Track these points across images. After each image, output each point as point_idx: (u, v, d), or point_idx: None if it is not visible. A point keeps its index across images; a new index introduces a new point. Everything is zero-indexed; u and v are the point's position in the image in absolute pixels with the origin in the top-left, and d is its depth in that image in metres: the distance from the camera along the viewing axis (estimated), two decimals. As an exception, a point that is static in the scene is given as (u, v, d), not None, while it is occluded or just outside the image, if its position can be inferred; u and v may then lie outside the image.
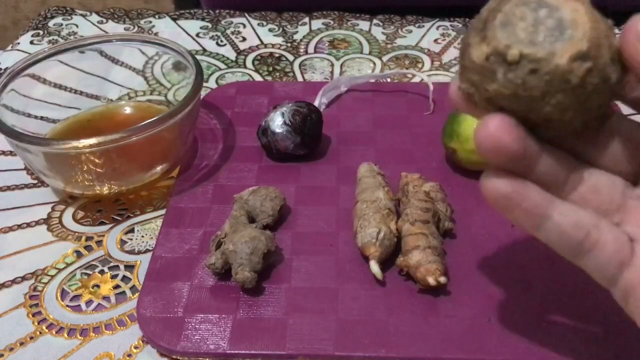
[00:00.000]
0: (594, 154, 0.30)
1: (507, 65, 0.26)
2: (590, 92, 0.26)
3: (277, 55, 0.67)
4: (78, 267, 0.45)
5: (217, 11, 0.74)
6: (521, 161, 0.28)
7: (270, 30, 0.71)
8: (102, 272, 0.44)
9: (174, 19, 0.73)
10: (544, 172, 0.29)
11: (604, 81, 0.26)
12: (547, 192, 0.28)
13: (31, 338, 0.40)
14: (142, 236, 0.47)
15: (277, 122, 0.49)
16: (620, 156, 0.30)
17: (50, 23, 0.72)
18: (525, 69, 0.26)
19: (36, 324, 0.41)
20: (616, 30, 0.28)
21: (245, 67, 0.65)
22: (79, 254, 0.46)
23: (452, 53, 0.66)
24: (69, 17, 0.73)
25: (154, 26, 0.71)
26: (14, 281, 0.44)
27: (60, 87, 0.56)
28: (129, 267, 0.45)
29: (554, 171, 0.29)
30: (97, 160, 0.45)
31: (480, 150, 0.27)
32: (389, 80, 0.61)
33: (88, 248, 0.46)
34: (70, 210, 0.49)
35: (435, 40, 0.68)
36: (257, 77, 0.63)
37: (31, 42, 0.68)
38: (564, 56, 0.26)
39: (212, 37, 0.70)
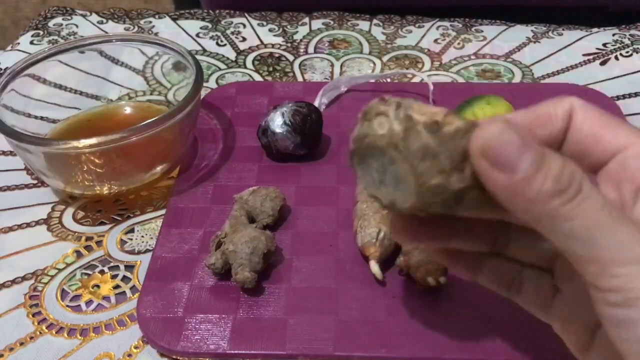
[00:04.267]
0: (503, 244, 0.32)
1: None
2: (443, 207, 0.27)
3: (277, 55, 0.67)
4: (78, 267, 0.45)
5: (217, 11, 0.74)
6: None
7: (270, 30, 0.71)
8: (102, 272, 0.44)
9: (174, 19, 0.73)
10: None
11: (455, 202, 0.26)
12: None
13: (31, 338, 0.40)
14: (142, 236, 0.47)
15: (277, 122, 0.49)
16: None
17: (50, 23, 0.72)
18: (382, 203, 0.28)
19: (36, 324, 0.41)
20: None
21: (245, 67, 0.65)
22: (79, 254, 0.46)
23: (452, 53, 0.66)
24: (69, 17, 0.73)
25: (154, 26, 0.71)
26: (14, 281, 0.44)
27: (60, 87, 0.56)
28: (129, 267, 0.45)
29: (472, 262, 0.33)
30: (97, 160, 0.45)
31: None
32: (389, 80, 0.61)
33: (88, 248, 0.46)
34: (70, 210, 0.49)
35: (435, 40, 0.68)
36: (257, 77, 0.63)
37: (31, 42, 0.68)
38: (405, 204, 0.27)
39: (212, 37, 0.70)
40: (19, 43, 0.68)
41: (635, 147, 0.28)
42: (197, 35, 0.70)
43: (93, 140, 0.43)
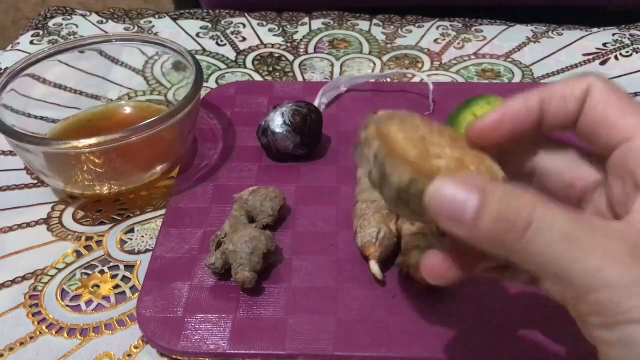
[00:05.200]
0: None
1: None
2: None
3: (277, 55, 0.67)
4: (78, 267, 0.45)
5: (217, 11, 0.74)
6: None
7: (270, 30, 0.71)
8: (102, 272, 0.44)
9: (174, 19, 0.73)
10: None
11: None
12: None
13: (31, 338, 0.40)
14: (142, 236, 0.47)
15: (277, 122, 0.49)
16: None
17: (50, 23, 0.72)
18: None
19: (36, 324, 0.41)
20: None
21: (245, 67, 0.65)
22: (79, 254, 0.46)
23: (452, 53, 0.66)
24: (69, 17, 0.73)
25: (154, 26, 0.71)
26: (14, 281, 0.44)
27: (60, 87, 0.56)
28: (129, 267, 0.45)
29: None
30: (97, 160, 0.45)
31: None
32: (389, 80, 0.61)
33: (88, 248, 0.46)
34: (70, 210, 0.49)
35: (435, 40, 0.68)
36: (257, 77, 0.63)
37: (31, 42, 0.68)
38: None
39: (212, 37, 0.70)
40: (19, 43, 0.68)
41: (638, 140, 0.27)
42: (197, 35, 0.70)
43: (93, 140, 0.43)
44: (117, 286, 0.43)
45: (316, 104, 0.56)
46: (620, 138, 0.28)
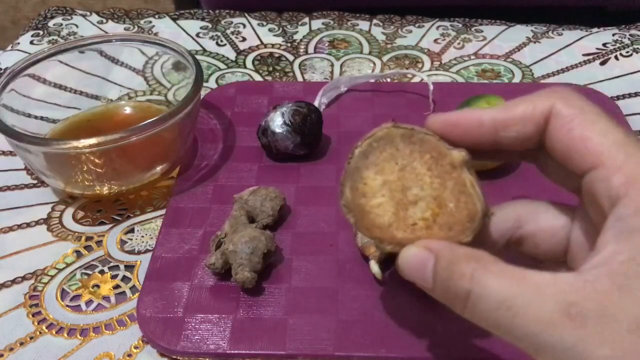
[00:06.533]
0: None
1: None
2: None
3: (277, 55, 0.67)
4: (78, 267, 0.45)
5: (217, 11, 0.74)
6: None
7: (270, 30, 0.71)
8: (102, 272, 0.44)
9: (174, 19, 0.73)
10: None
11: None
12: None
13: (31, 338, 0.40)
14: (142, 236, 0.47)
15: (277, 122, 0.49)
16: None
17: (50, 23, 0.72)
18: None
19: (36, 324, 0.41)
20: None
21: (245, 67, 0.65)
22: (79, 254, 0.46)
23: (452, 53, 0.66)
24: (69, 17, 0.73)
25: (154, 26, 0.71)
26: (14, 281, 0.44)
27: (60, 87, 0.56)
28: (129, 267, 0.45)
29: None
30: (97, 160, 0.45)
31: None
32: (389, 80, 0.61)
33: (88, 248, 0.46)
34: (70, 210, 0.49)
35: (435, 40, 0.68)
36: (257, 77, 0.63)
37: (31, 42, 0.68)
38: None
39: (212, 37, 0.70)
40: (19, 43, 0.68)
41: (602, 170, 0.25)
42: (197, 35, 0.70)
43: (93, 140, 0.43)
44: (117, 286, 0.43)
45: (316, 104, 0.56)
46: (587, 166, 0.26)
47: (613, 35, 0.67)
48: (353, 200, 0.31)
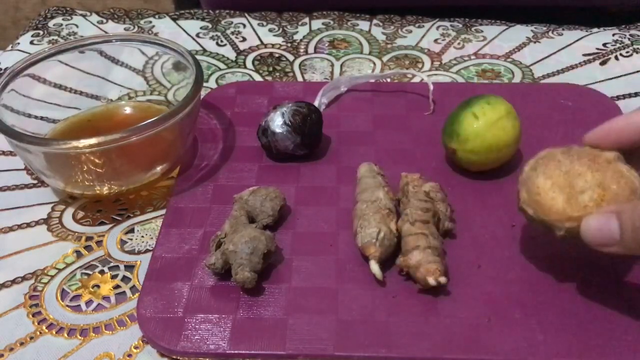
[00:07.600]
0: None
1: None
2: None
3: (277, 55, 0.67)
4: (78, 267, 0.45)
5: (217, 11, 0.74)
6: None
7: (270, 30, 0.71)
8: (102, 272, 0.44)
9: (174, 19, 0.73)
10: None
11: None
12: None
13: (31, 338, 0.40)
14: (142, 236, 0.47)
15: (277, 122, 0.49)
16: None
17: (50, 23, 0.72)
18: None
19: (36, 324, 0.41)
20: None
21: (245, 67, 0.65)
22: (79, 254, 0.46)
23: (452, 53, 0.66)
24: (69, 17, 0.73)
25: (154, 26, 0.71)
26: (14, 281, 0.44)
27: (60, 87, 0.56)
28: (129, 267, 0.45)
29: None
30: (97, 160, 0.45)
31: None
32: (389, 80, 0.61)
33: (88, 248, 0.46)
34: (70, 210, 0.49)
35: (435, 40, 0.68)
36: (257, 77, 0.63)
37: (31, 42, 0.68)
38: None
39: (212, 37, 0.70)
40: (19, 43, 0.68)
41: None
42: (197, 35, 0.70)
43: (93, 140, 0.43)
44: (117, 286, 0.43)
45: (316, 104, 0.56)
46: None
47: (613, 35, 0.67)
48: (529, 198, 0.38)
